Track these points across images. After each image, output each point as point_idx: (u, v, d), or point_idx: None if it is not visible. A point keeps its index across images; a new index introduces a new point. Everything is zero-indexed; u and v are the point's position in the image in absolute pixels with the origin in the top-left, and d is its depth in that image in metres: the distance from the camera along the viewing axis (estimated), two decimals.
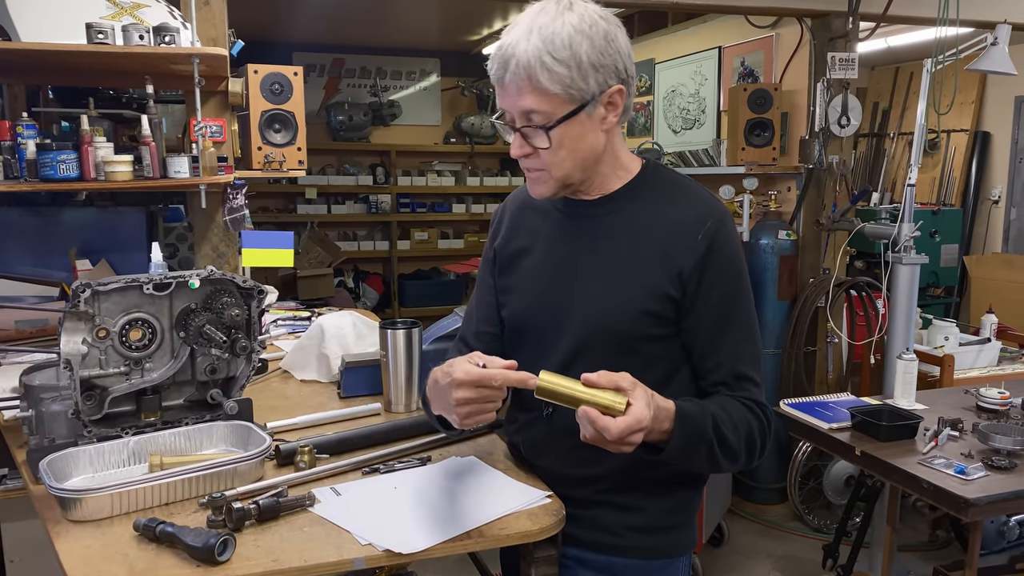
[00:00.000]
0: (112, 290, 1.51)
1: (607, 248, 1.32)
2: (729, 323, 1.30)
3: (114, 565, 1.15)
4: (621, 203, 1.33)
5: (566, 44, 1.19)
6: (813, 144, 3.71)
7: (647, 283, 1.28)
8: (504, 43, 1.22)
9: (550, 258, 1.37)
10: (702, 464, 1.27)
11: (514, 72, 1.20)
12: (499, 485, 1.41)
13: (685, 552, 1.41)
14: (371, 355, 2.00)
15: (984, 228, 5.92)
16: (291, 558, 1.17)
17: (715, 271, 1.28)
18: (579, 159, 1.28)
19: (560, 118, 1.22)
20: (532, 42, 1.19)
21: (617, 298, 1.29)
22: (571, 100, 1.22)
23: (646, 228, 1.31)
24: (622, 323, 1.29)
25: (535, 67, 1.19)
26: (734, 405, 1.28)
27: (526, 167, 1.30)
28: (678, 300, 1.28)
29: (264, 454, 1.43)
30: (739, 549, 3.61)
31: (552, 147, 1.25)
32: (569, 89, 1.21)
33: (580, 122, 1.24)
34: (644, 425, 1.11)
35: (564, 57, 1.19)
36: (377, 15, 5.66)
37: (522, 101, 1.22)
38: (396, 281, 7.02)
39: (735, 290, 1.31)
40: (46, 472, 1.32)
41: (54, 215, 3.02)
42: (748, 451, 1.28)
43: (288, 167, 2.78)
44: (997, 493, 2.01)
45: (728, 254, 1.29)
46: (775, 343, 3.84)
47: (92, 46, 2.26)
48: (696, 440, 1.21)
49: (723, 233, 1.29)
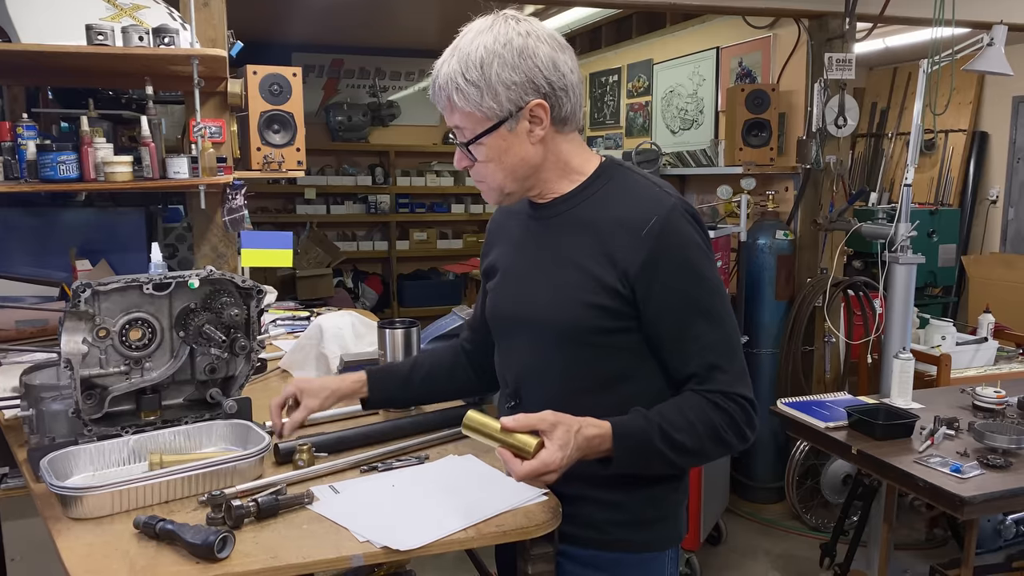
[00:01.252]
0: (112, 290, 1.52)
1: (555, 247, 1.36)
2: (691, 316, 1.29)
3: (115, 562, 1.16)
4: (569, 204, 1.36)
5: (476, 65, 1.26)
6: (810, 144, 3.72)
7: (591, 276, 1.30)
8: (436, 64, 1.31)
9: (515, 260, 1.44)
10: (660, 469, 1.33)
11: (436, 93, 1.31)
12: (496, 482, 1.42)
13: (670, 545, 1.42)
14: (369, 355, 2.02)
15: (982, 228, 5.93)
16: (290, 555, 1.18)
17: (666, 269, 1.27)
18: (508, 170, 1.32)
19: (478, 134, 1.29)
20: (451, 65, 1.27)
21: (561, 292, 1.33)
22: (486, 118, 1.28)
23: (591, 227, 1.32)
24: (566, 315, 1.32)
25: (450, 89, 1.28)
26: (694, 403, 1.29)
27: (472, 177, 1.38)
28: (627, 296, 1.29)
29: (263, 452, 1.44)
30: (737, 548, 3.62)
31: (480, 160, 1.32)
32: (480, 108, 1.27)
33: (502, 136, 1.29)
34: (552, 468, 1.17)
35: (474, 78, 1.26)
36: (376, 16, 5.66)
37: (449, 118, 1.32)
38: (395, 281, 7.03)
39: (691, 283, 1.29)
40: (47, 470, 1.33)
41: (54, 215, 3.03)
42: (717, 445, 1.29)
43: (287, 167, 2.80)
44: (993, 491, 2.02)
45: (678, 250, 1.28)
46: (773, 342, 3.85)
47: (92, 47, 2.27)
48: (642, 453, 1.26)
49: (669, 229, 1.27)
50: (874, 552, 2.91)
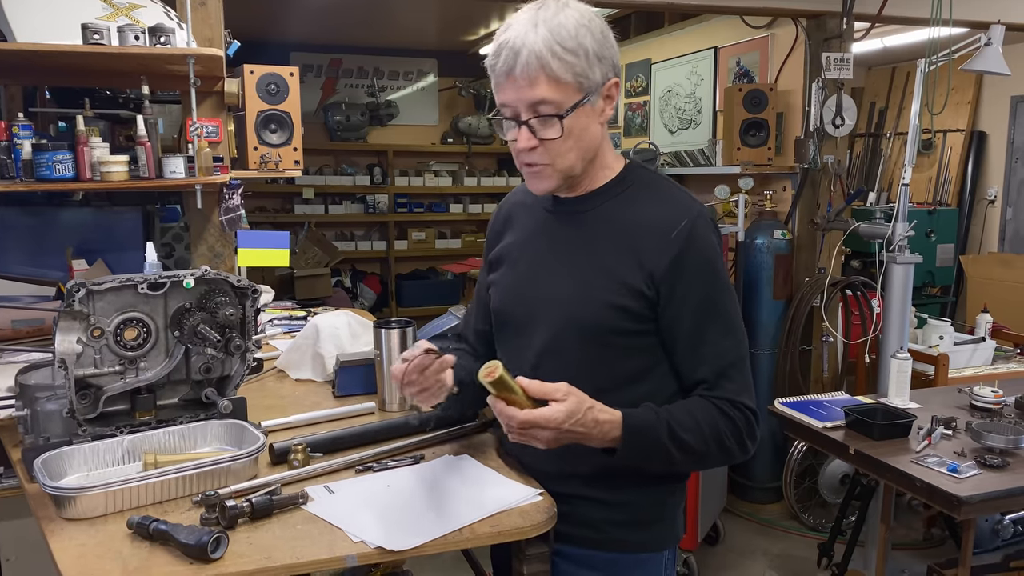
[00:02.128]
0: (107, 289, 1.51)
1: (584, 243, 1.35)
2: (707, 322, 1.31)
3: (108, 563, 1.15)
4: (602, 200, 1.36)
5: (572, 35, 1.22)
6: (808, 144, 3.72)
7: (617, 278, 1.30)
8: (510, 36, 1.24)
9: (531, 253, 1.41)
10: (661, 467, 1.32)
11: (526, 62, 1.21)
12: (491, 483, 1.42)
13: (668, 546, 1.42)
14: (365, 355, 2.01)
15: (980, 228, 5.93)
16: (284, 555, 1.17)
17: (691, 271, 1.29)
18: (582, 150, 1.30)
19: (572, 106, 1.25)
20: (540, 33, 1.21)
21: (587, 291, 1.32)
22: (579, 89, 1.25)
23: (622, 226, 1.32)
24: (590, 315, 1.31)
25: (546, 56, 1.21)
26: (702, 407, 1.30)
27: (529, 161, 1.30)
28: (651, 298, 1.30)
29: (258, 453, 1.44)
30: (735, 548, 3.62)
31: (563, 136, 1.26)
32: (579, 77, 1.24)
33: (586, 112, 1.27)
34: (550, 424, 1.17)
35: (572, 47, 1.22)
36: (374, 15, 5.66)
37: (533, 91, 1.23)
38: (393, 281, 7.03)
39: (712, 289, 1.31)
40: (41, 471, 1.33)
41: (50, 215, 3.02)
42: (720, 450, 1.30)
43: (284, 167, 2.79)
44: (990, 491, 2.02)
45: (703, 253, 1.30)
46: (770, 342, 3.85)
47: (88, 47, 2.26)
48: (648, 447, 1.26)
49: (696, 233, 1.30)
50: (872, 552, 2.91)
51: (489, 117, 1.42)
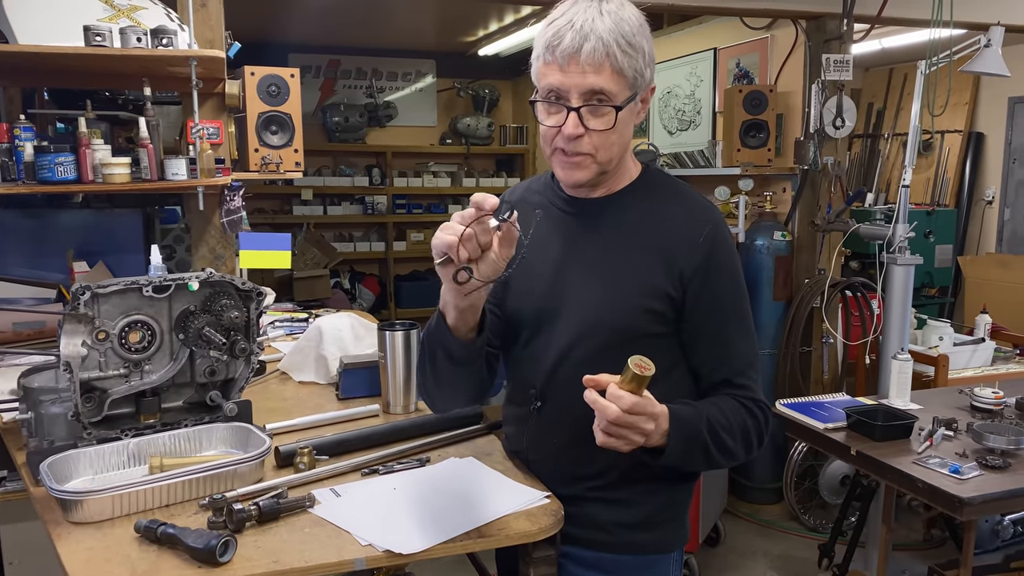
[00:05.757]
0: (111, 292, 1.51)
1: (609, 245, 1.33)
2: (729, 323, 1.33)
3: (116, 566, 1.15)
4: (626, 202, 1.35)
5: (635, 31, 1.22)
6: (808, 145, 3.73)
7: (647, 281, 1.30)
8: (575, 20, 1.20)
9: (549, 254, 1.37)
10: (700, 464, 1.30)
11: (594, 47, 1.19)
12: (498, 486, 1.42)
13: (676, 548, 1.42)
14: (369, 357, 2.01)
15: (978, 229, 5.94)
16: (292, 559, 1.17)
17: (716, 274, 1.31)
18: (623, 145, 1.31)
19: (625, 100, 1.24)
20: (607, 24, 1.20)
21: (616, 295, 1.30)
22: (632, 86, 1.24)
23: (648, 228, 1.32)
24: (620, 319, 1.30)
25: (614, 47, 1.20)
26: (731, 405, 1.31)
27: (574, 150, 1.26)
28: (677, 300, 1.30)
29: (264, 455, 1.44)
30: (735, 549, 3.62)
31: (603, 129, 1.24)
32: (636, 74, 1.23)
33: (631, 110, 1.27)
34: (648, 411, 1.13)
35: (635, 43, 1.22)
36: (373, 16, 5.65)
37: (594, 78, 1.20)
38: (392, 282, 7.02)
39: (734, 291, 1.34)
40: (47, 474, 1.32)
41: (51, 217, 3.02)
42: (746, 448, 1.32)
43: (285, 169, 2.79)
44: (991, 492, 2.02)
45: (727, 257, 1.33)
46: (771, 343, 3.85)
47: (89, 48, 2.26)
48: (693, 441, 1.24)
49: (720, 238, 1.32)
50: (872, 553, 2.92)
51: (533, 99, 1.39)
